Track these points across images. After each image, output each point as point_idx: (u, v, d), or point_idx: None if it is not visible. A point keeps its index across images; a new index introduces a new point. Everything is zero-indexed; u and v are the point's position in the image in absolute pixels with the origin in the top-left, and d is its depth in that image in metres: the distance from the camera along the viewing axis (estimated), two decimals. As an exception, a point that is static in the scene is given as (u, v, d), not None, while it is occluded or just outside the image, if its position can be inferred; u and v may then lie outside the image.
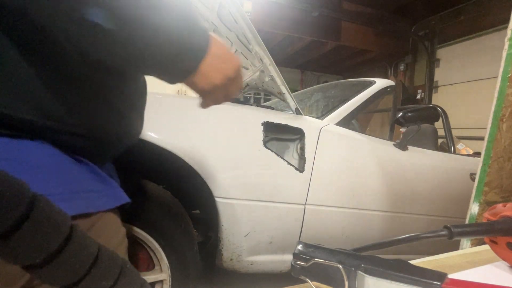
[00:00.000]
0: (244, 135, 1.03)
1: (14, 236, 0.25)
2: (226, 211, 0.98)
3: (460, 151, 3.08)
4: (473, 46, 4.35)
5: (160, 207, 0.90)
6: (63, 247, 0.27)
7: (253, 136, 1.03)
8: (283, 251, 1.11)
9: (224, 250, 1.02)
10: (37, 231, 0.26)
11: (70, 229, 0.28)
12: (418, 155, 1.42)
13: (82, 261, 0.28)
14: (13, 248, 0.25)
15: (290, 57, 5.72)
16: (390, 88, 1.52)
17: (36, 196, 0.26)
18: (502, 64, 0.85)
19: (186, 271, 0.95)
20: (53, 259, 0.26)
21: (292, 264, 0.39)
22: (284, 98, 1.17)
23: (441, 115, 1.91)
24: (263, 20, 3.94)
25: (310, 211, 1.10)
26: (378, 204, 1.25)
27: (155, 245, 0.89)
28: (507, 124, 0.85)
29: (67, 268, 0.27)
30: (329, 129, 1.19)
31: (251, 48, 1.07)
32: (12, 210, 0.24)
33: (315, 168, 1.10)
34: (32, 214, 0.25)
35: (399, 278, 0.33)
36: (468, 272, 0.48)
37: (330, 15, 4.28)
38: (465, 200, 0.98)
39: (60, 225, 0.27)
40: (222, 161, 0.97)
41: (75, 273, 0.27)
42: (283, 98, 1.17)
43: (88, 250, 0.29)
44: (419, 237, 0.44)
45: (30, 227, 0.25)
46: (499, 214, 0.46)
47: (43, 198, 0.27)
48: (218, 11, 1.10)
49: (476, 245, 0.81)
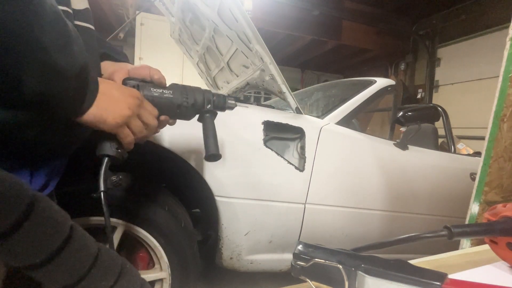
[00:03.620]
0: (245, 134, 1.03)
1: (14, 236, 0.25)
2: (226, 210, 0.98)
3: (460, 151, 3.08)
4: (474, 45, 4.34)
5: (160, 206, 0.90)
6: (63, 247, 0.27)
7: (253, 135, 1.03)
8: (283, 250, 1.11)
9: (224, 249, 1.03)
10: (37, 231, 0.26)
11: (70, 229, 0.28)
12: (418, 155, 1.42)
13: (82, 261, 0.28)
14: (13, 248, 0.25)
15: (290, 56, 5.71)
16: (390, 87, 1.52)
17: (36, 196, 0.26)
18: (503, 64, 0.85)
19: (186, 270, 0.95)
20: (53, 259, 0.26)
21: (292, 264, 0.39)
22: (284, 97, 1.17)
23: (442, 114, 1.90)
24: (263, 18, 3.93)
25: (310, 210, 1.10)
26: (378, 203, 1.25)
27: (155, 244, 0.89)
28: (508, 124, 0.85)
29: (67, 268, 0.27)
30: (329, 128, 1.18)
31: (252, 46, 1.07)
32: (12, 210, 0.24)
33: (315, 167, 1.10)
34: (32, 214, 0.25)
35: (399, 278, 0.33)
36: (468, 272, 0.48)
37: (330, 14, 4.27)
38: (465, 200, 0.98)
39: (60, 225, 0.27)
40: (222, 160, 0.97)
41: (75, 273, 0.27)
42: (284, 97, 1.17)
43: (88, 250, 0.29)
44: (419, 237, 0.44)
45: (30, 227, 0.25)
46: (499, 214, 0.46)
47: (44, 198, 0.27)
48: (219, 10, 1.10)
49: (476, 245, 0.81)
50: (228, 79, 1.66)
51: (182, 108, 0.57)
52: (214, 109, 0.63)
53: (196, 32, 1.51)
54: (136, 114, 0.47)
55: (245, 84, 1.46)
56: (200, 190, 1.01)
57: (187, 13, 1.44)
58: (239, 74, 1.45)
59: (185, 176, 1.03)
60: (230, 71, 1.53)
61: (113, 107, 0.43)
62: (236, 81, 1.51)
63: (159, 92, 0.55)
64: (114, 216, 0.83)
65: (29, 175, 0.40)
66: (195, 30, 1.49)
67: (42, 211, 0.26)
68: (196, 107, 0.60)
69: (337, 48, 5.01)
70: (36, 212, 0.26)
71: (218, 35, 1.33)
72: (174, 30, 1.75)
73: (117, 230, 0.85)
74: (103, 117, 0.42)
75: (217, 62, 1.61)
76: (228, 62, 1.47)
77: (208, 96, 0.61)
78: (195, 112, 0.61)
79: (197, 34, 1.52)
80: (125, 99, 0.45)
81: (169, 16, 1.68)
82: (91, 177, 0.83)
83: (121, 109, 0.44)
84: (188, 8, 1.38)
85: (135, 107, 0.47)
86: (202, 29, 1.40)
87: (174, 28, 1.73)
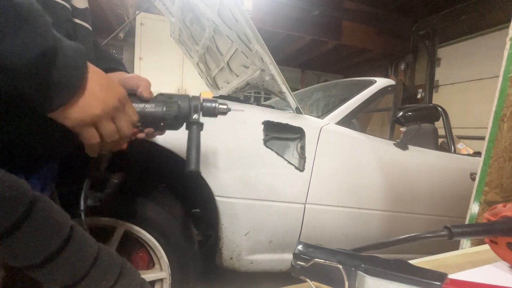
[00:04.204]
0: (245, 134, 1.03)
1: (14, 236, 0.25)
2: (226, 210, 0.98)
3: (460, 151, 3.08)
4: (474, 45, 4.34)
5: (160, 206, 0.90)
6: (63, 247, 0.27)
7: (253, 135, 1.03)
8: (283, 250, 1.11)
9: (224, 249, 1.03)
10: (37, 231, 0.26)
11: (70, 229, 0.28)
12: (418, 155, 1.42)
13: (82, 261, 0.28)
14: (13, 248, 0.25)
15: (290, 56, 5.71)
16: (390, 87, 1.52)
17: (36, 196, 0.26)
18: (503, 64, 0.85)
19: (186, 270, 0.95)
20: (53, 259, 0.26)
21: (292, 264, 0.39)
22: (284, 97, 1.17)
23: (442, 114, 1.90)
24: (263, 18, 3.93)
25: (310, 211, 1.10)
26: (378, 203, 1.25)
27: (155, 244, 0.89)
28: (508, 124, 0.85)
29: (67, 268, 0.27)
30: (329, 128, 1.18)
31: (252, 46, 1.07)
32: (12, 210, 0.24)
33: (315, 167, 1.10)
34: (32, 214, 0.25)
35: (399, 278, 0.33)
36: (468, 272, 0.48)
37: (330, 14, 4.27)
38: (465, 200, 0.98)
39: (60, 225, 0.27)
40: (222, 160, 0.97)
41: (75, 274, 0.27)
42: (284, 97, 1.17)
43: (88, 250, 0.29)
44: (419, 237, 0.44)
45: (30, 227, 0.25)
46: (499, 214, 0.46)
47: (44, 198, 0.27)
48: (219, 10, 1.10)
49: (476, 245, 0.81)
50: (228, 79, 1.66)
51: (167, 120, 0.56)
52: (204, 115, 0.61)
53: (196, 32, 1.51)
54: (110, 115, 0.41)
55: (245, 84, 1.46)
56: (200, 190, 1.01)
57: (187, 13, 1.44)
58: (239, 74, 1.45)
59: (185, 176, 1.03)
60: (230, 71, 1.53)
61: (83, 103, 0.37)
62: (236, 81, 1.51)
63: (140, 107, 0.53)
64: (114, 216, 0.83)
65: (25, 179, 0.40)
66: (195, 30, 1.49)
67: (42, 211, 0.26)
68: (180, 118, 0.57)
69: (337, 48, 5.01)
70: (36, 212, 0.26)
71: (218, 35, 1.33)
72: (174, 30, 1.75)
73: (117, 230, 0.85)
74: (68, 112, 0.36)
75: (217, 62, 1.61)
76: (228, 62, 1.47)
77: (195, 103, 0.59)
78: (181, 123, 0.59)
79: (197, 34, 1.52)
80: (104, 97, 0.39)
81: (169, 16, 1.68)
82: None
83: (93, 107, 0.38)
84: (188, 8, 1.39)
85: (111, 109, 0.41)
86: (202, 29, 1.40)
87: (174, 28, 1.73)
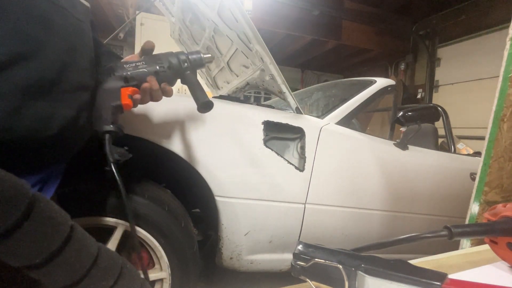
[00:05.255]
0: (245, 134, 1.03)
1: (14, 236, 0.25)
2: (226, 210, 0.98)
3: (460, 151, 3.08)
4: (474, 45, 4.34)
5: (160, 206, 0.90)
6: (63, 247, 0.27)
7: (253, 135, 1.03)
8: (283, 250, 1.11)
9: (224, 249, 1.03)
10: (37, 231, 0.26)
11: (70, 229, 0.28)
12: (418, 155, 1.42)
13: (82, 261, 0.28)
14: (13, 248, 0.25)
15: (290, 56, 5.70)
16: (390, 87, 1.52)
17: (36, 196, 0.26)
18: (503, 64, 0.85)
19: (186, 270, 0.95)
20: (53, 259, 0.26)
21: (292, 264, 0.39)
22: (284, 97, 1.17)
23: (442, 114, 1.90)
24: (263, 19, 3.93)
25: (310, 210, 1.10)
26: (378, 203, 1.25)
27: (155, 244, 0.89)
28: (508, 124, 0.85)
29: (67, 268, 0.27)
30: (329, 128, 1.18)
31: (252, 46, 1.07)
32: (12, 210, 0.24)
33: (315, 167, 1.10)
34: (32, 214, 0.25)
35: (399, 278, 0.33)
36: (468, 272, 0.48)
37: (330, 14, 4.27)
38: (465, 199, 0.98)
39: (60, 225, 0.27)
40: (222, 160, 0.97)
41: (75, 273, 0.27)
42: (284, 97, 1.17)
43: (88, 250, 0.29)
44: (419, 237, 0.44)
45: (30, 227, 0.25)
46: (499, 214, 0.46)
47: (44, 198, 0.27)
48: (219, 10, 1.10)
49: (476, 245, 0.81)
50: (228, 79, 1.66)
51: (160, 73, 0.60)
52: (193, 67, 0.65)
53: (196, 32, 1.51)
54: None
55: (245, 84, 1.46)
56: (200, 190, 1.01)
57: (187, 13, 1.44)
58: (239, 74, 1.45)
59: (185, 176, 1.03)
60: (230, 71, 1.53)
61: None
62: (236, 81, 1.51)
63: (132, 66, 0.57)
64: (114, 216, 0.83)
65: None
66: (195, 30, 1.49)
67: (42, 211, 0.26)
68: (174, 69, 0.62)
69: (337, 48, 5.01)
70: (36, 212, 0.26)
71: (218, 35, 1.33)
72: (174, 30, 1.75)
73: (117, 230, 0.85)
74: None
75: (217, 62, 1.61)
76: (228, 62, 1.47)
77: (182, 56, 0.63)
78: (175, 74, 0.63)
79: (197, 34, 1.52)
80: None
81: (169, 16, 1.68)
82: (91, 177, 0.83)
83: None
84: (188, 8, 1.39)
85: None
86: (202, 29, 1.40)
87: (174, 28, 1.73)
